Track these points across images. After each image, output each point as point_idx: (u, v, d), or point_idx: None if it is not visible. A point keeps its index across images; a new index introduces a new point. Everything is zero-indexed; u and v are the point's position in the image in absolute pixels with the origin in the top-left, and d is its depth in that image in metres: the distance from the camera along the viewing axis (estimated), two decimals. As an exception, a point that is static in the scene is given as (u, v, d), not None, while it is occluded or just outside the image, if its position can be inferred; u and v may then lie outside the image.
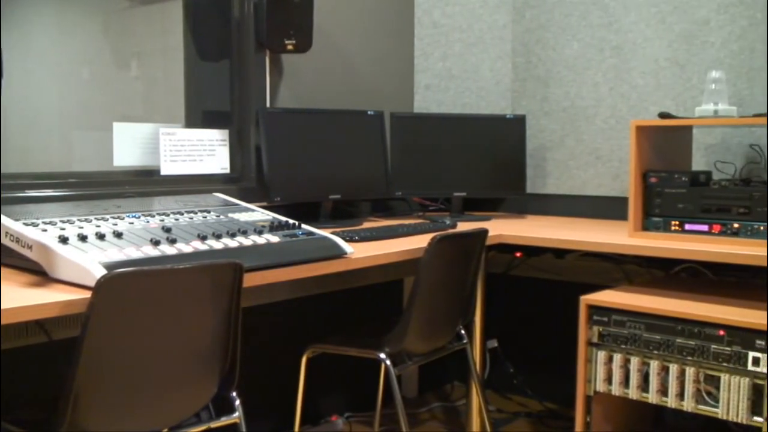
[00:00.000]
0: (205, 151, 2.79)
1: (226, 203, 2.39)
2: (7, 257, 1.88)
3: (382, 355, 2.33)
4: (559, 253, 3.15)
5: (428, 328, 2.44)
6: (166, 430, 1.76)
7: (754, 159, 2.79)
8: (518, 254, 3.25)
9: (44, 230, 1.80)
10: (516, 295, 3.50)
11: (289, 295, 2.82)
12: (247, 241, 1.98)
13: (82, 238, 1.77)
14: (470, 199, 3.37)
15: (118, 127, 2.62)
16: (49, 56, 2.62)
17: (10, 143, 2.38)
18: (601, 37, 3.19)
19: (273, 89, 2.95)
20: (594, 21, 3.20)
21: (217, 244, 1.91)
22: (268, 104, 2.92)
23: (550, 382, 3.36)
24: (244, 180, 2.91)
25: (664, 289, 2.48)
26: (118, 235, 1.85)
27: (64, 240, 1.73)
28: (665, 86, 3.02)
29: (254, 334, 2.78)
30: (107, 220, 1.98)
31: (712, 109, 2.48)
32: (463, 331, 2.65)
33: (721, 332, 2.11)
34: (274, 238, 2.04)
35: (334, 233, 2.24)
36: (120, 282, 1.53)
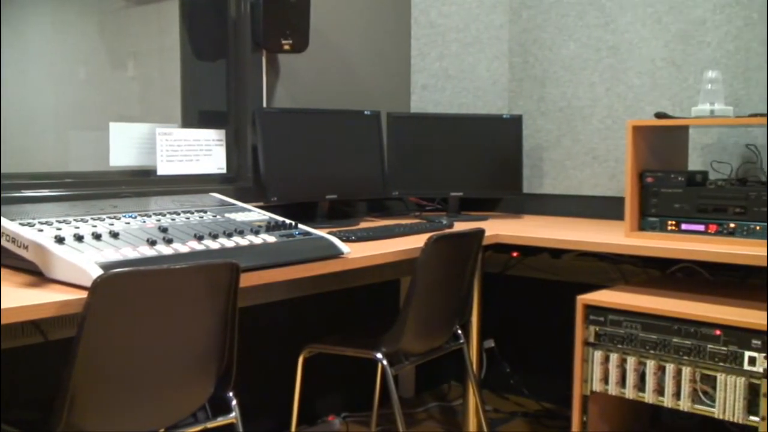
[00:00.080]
0: (202, 151, 2.78)
1: (223, 203, 2.39)
2: (4, 257, 1.88)
3: (379, 355, 2.33)
4: (556, 253, 3.15)
5: (425, 328, 2.44)
6: (162, 431, 1.76)
7: (751, 159, 2.79)
8: (515, 254, 3.25)
9: (40, 230, 1.79)
10: (513, 295, 3.50)
11: (285, 295, 2.81)
12: (243, 241, 1.98)
13: (79, 238, 1.76)
14: (467, 199, 3.38)
15: (114, 127, 2.62)
16: (45, 56, 2.62)
17: (6, 143, 2.38)
18: (598, 37, 3.19)
19: (269, 89, 2.95)
20: (590, 21, 3.21)
21: (214, 244, 1.91)
22: (264, 104, 2.92)
23: (546, 382, 3.37)
24: (241, 180, 2.91)
25: (661, 289, 2.48)
26: (115, 235, 1.84)
27: (60, 240, 1.73)
28: (661, 86, 3.02)
29: (251, 334, 2.78)
30: (104, 220, 1.98)
31: (709, 109, 2.48)
32: (459, 331, 2.65)
33: (718, 332, 2.11)
34: (271, 238, 2.04)
35: (330, 233, 2.24)
36: (116, 282, 1.53)
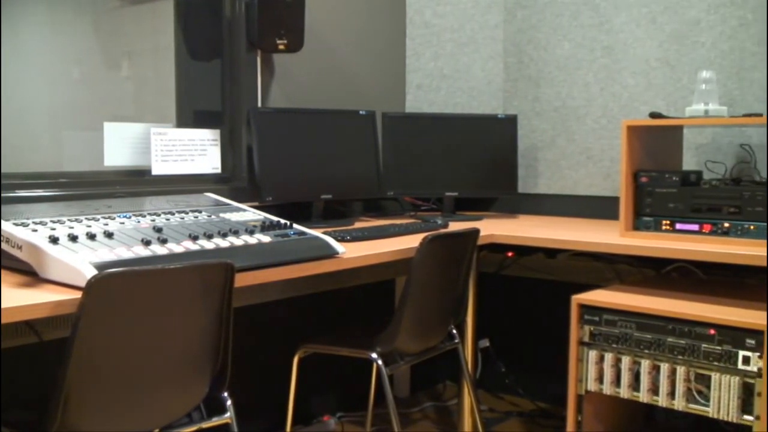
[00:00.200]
0: (197, 151, 2.78)
1: (218, 203, 2.39)
2: (-2, 258, 1.88)
3: (374, 355, 2.33)
4: (551, 253, 3.15)
5: (420, 327, 2.44)
6: (157, 431, 1.76)
7: (745, 159, 2.80)
8: (510, 254, 3.25)
9: (34, 230, 1.79)
10: (508, 295, 3.51)
11: (280, 295, 2.81)
12: (238, 241, 1.97)
13: (73, 238, 1.76)
14: (462, 199, 3.38)
15: (108, 126, 2.62)
16: (39, 56, 2.61)
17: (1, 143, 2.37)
18: (592, 37, 3.20)
19: (264, 89, 2.95)
20: (585, 21, 3.21)
21: (209, 244, 1.91)
22: (259, 104, 2.92)
23: (541, 382, 3.37)
24: (236, 180, 2.90)
25: (655, 289, 2.48)
26: (109, 235, 1.84)
27: (54, 240, 1.72)
28: (656, 86, 3.03)
29: (246, 334, 2.78)
30: (98, 220, 1.97)
31: (703, 109, 2.49)
32: (454, 331, 2.65)
33: (712, 331, 2.12)
34: (266, 238, 2.04)
35: (325, 233, 2.24)
36: (111, 282, 1.52)
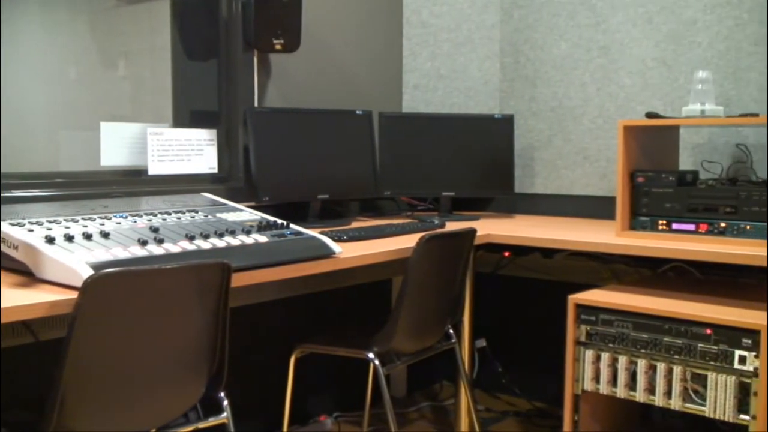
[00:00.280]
0: (193, 151, 2.78)
1: (214, 203, 2.38)
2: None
3: (371, 355, 2.33)
4: (547, 253, 3.15)
5: (417, 327, 2.44)
6: (154, 431, 1.76)
7: (741, 159, 2.80)
8: (506, 254, 3.25)
9: (30, 230, 1.79)
10: (504, 295, 3.51)
11: (277, 295, 2.81)
12: (235, 241, 1.97)
13: (69, 239, 1.76)
14: (458, 199, 3.38)
15: (105, 126, 2.61)
16: (35, 56, 2.61)
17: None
18: (589, 37, 3.20)
19: (261, 89, 2.94)
20: (581, 21, 3.21)
21: (205, 244, 1.91)
22: (256, 104, 2.92)
23: (538, 381, 3.37)
24: (232, 180, 2.90)
25: (652, 288, 2.49)
26: (105, 235, 1.84)
27: (50, 240, 1.72)
28: (652, 86, 3.03)
29: (242, 334, 2.77)
30: (94, 220, 1.97)
31: (699, 109, 2.49)
32: (451, 331, 2.66)
33: (708, 331, 2.12)
34: (262, 238, 2.04)
35: (322, 233, 2.24)
36: (107, 282, 1.52)
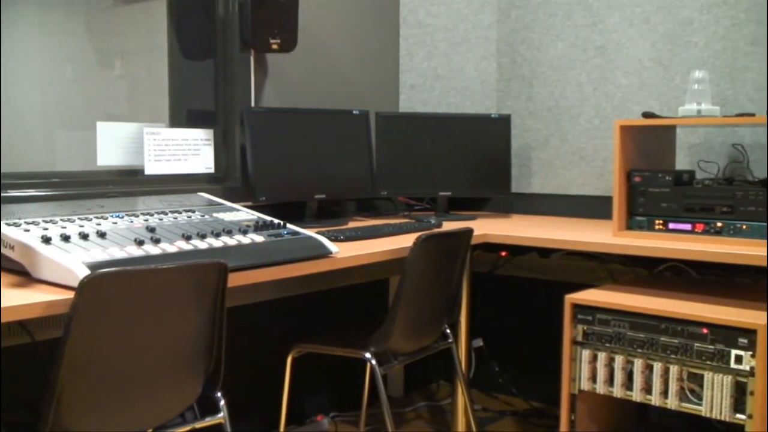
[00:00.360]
0: (190, 151, 2.77)
1: (211, 203, 2.38)
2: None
3: (368, 355, 2.33)
4: (544, 253, 3.15)
5: (413, 327, 2.44)
6: (150, 431, 1.76)
7: (737, 158, 2.81)
8: (503, 253, 3.25)
9: (27, 230, 1.78)
10: (501, 295, 3.51)
11: (274, 294, 2.81)
12: (231, 241, 1.97)
13: (65, 238, 1.76)
14: (455, 199, 3.38)
15: (101, 126, 2.61)
16: (31, 55, 2.60)
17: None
18: (585, 37, 3.20)
19: (258, 89, 2.94)
20: (578, 21, 3.22)
21: (202, 244, 1.90)
22: (252, 104, 2.92)
23: (535, 381, 3.38)
24: (229, 180, 2.90)
25: (648, 288, 2.49)
26: (102, 235, 1.83)
27: (46, 240, 1.72)
28: (649, 86, 3.04)
29: (239, 334, 2.77)
30: (91, 220, 1.97)
31: (696, 109, 2.49)
32: (448, 331, 2.66)
33: (705, 330, 2.12)
34: (259, 238, 2.04)
35: (319, 233, 2.24)
36: (103, 282, 1.52)
